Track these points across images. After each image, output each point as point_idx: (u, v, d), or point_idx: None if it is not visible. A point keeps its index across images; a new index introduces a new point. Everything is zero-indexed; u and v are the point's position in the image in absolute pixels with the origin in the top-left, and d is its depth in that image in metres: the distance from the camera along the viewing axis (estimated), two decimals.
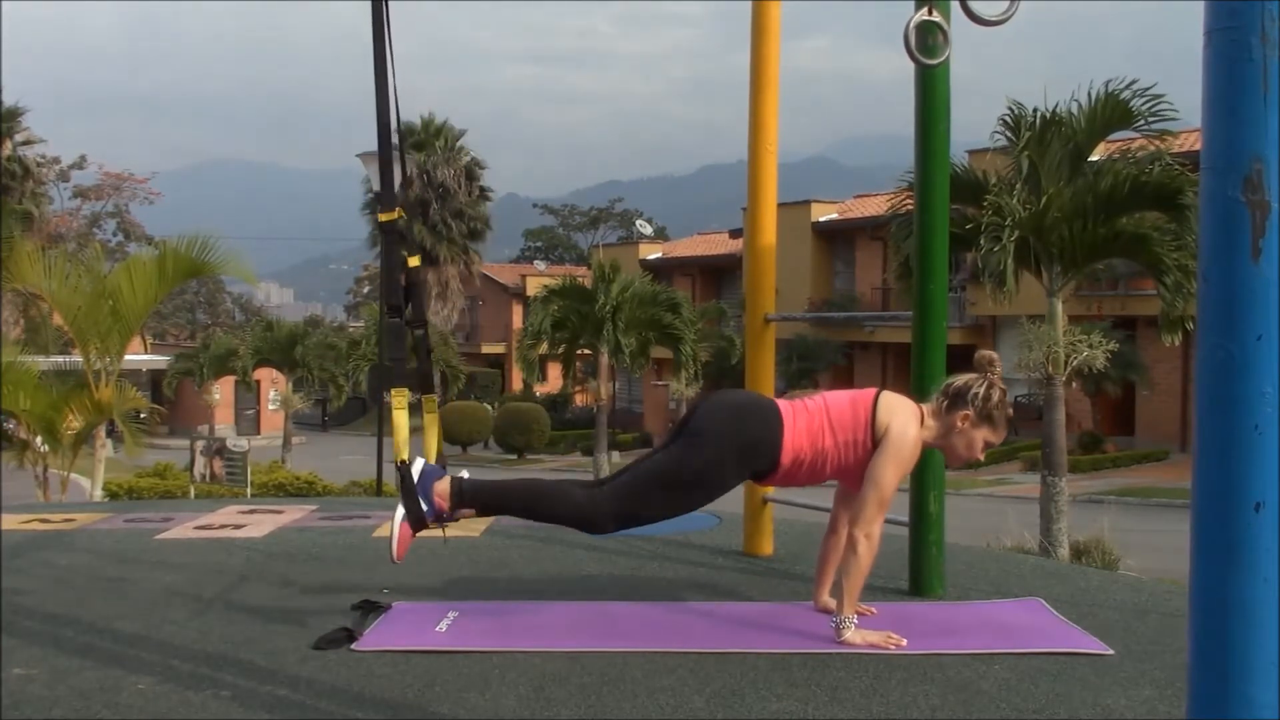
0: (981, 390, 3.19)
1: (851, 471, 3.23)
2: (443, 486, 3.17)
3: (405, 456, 3.11)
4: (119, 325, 10.57)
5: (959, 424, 3.20)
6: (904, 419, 3.17)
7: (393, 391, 3.14)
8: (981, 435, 3.22)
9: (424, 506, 3.13)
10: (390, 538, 3.15)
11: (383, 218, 3.18)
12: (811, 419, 3.20)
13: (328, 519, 5.46)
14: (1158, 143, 10.64)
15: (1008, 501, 17.53)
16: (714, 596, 3.76)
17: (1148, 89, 10.24)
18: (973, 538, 7.56)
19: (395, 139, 3.18)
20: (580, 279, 21.45)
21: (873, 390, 3.28)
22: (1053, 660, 3.00)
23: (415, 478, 3.13)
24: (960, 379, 3.25)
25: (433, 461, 3.21)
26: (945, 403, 3.22)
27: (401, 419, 3.10)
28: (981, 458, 3.33)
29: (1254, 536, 1.45)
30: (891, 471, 3.13)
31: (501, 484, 3.32)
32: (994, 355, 3.28)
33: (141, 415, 13.34)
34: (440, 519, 3.17)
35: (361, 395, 35.83)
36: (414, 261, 3.23)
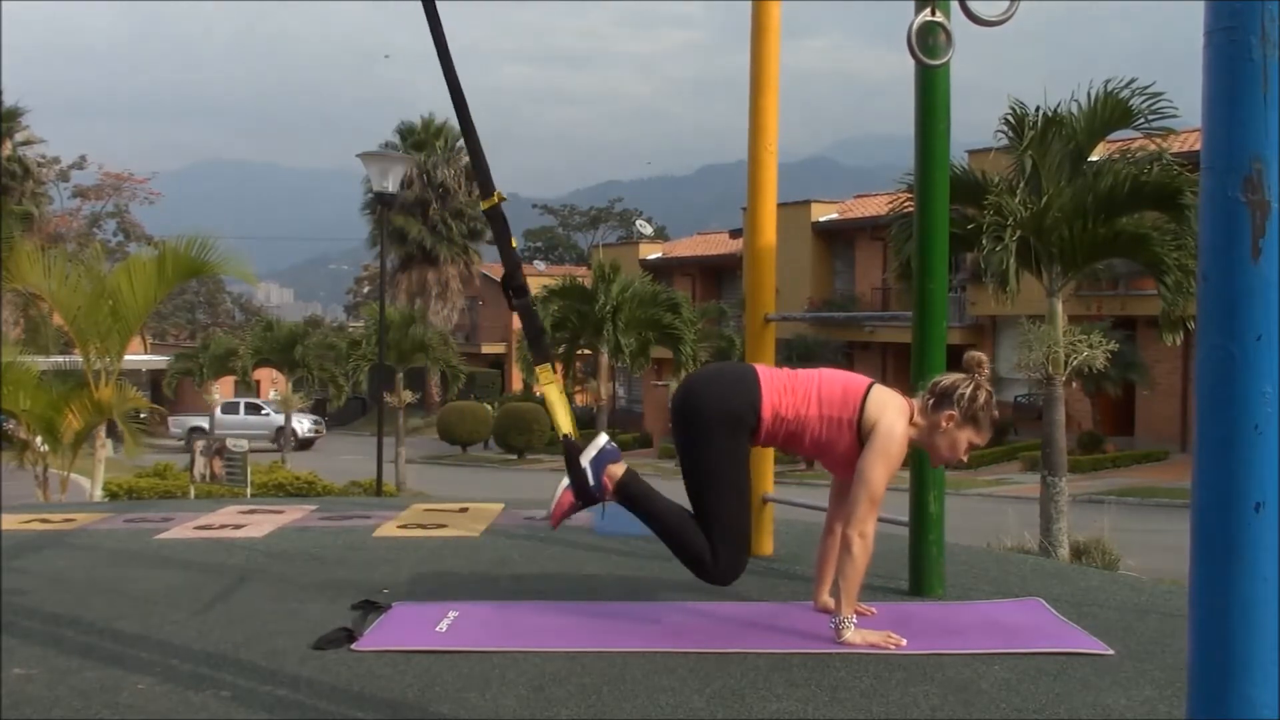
0: (968, 391, 3.19)
1: (829, 451, 3.25)
2: (616, 471, 3.25)
3: (567, 430, 3.20)
4: (119, 325, 10.56)
5: (944, 424, 3.21)
6: (893, 415, 3.19)
7: (538, 369, 3.24)
8: (965, 436, 3.22)
9: (591, 480, 3.21)
10: (551, 500, 3.27)
11: (485, 205, 3.20)
12: (796, 382, 3.26)
13: (328, 519, 5.46)
14: (1159, 141, 10.64)
15: (1008, 501, 17.52)
16: (714, 596, 3.76)
17: (1146, 88, 10.23)
18: (973, 538, 7.56)
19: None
20: (580, 279, 21.46)
21: (866, 381, 3.29)
22: (1053, 660, 3.00)
23: (594, 453, 3.23)
24: (947, 378, 3.25)
25: (569, 432, 3.23)
26: (931, 401, 3.23)
27: (553, 393, 3.20)
28: (964, 459, 3.33)
29: (1254, 536, 1.45)
30: (881, 468, 3.14)
31: (661, 499, 3.34)
32: (982, 356, 3.28)
33: (142, 415, 13.34)
34: (600, 497, 3.25)
35: (361, 395, 35.84)
36: (514, 243, 3.26)
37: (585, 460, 3.23)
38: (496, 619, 3.39)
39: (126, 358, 11.43)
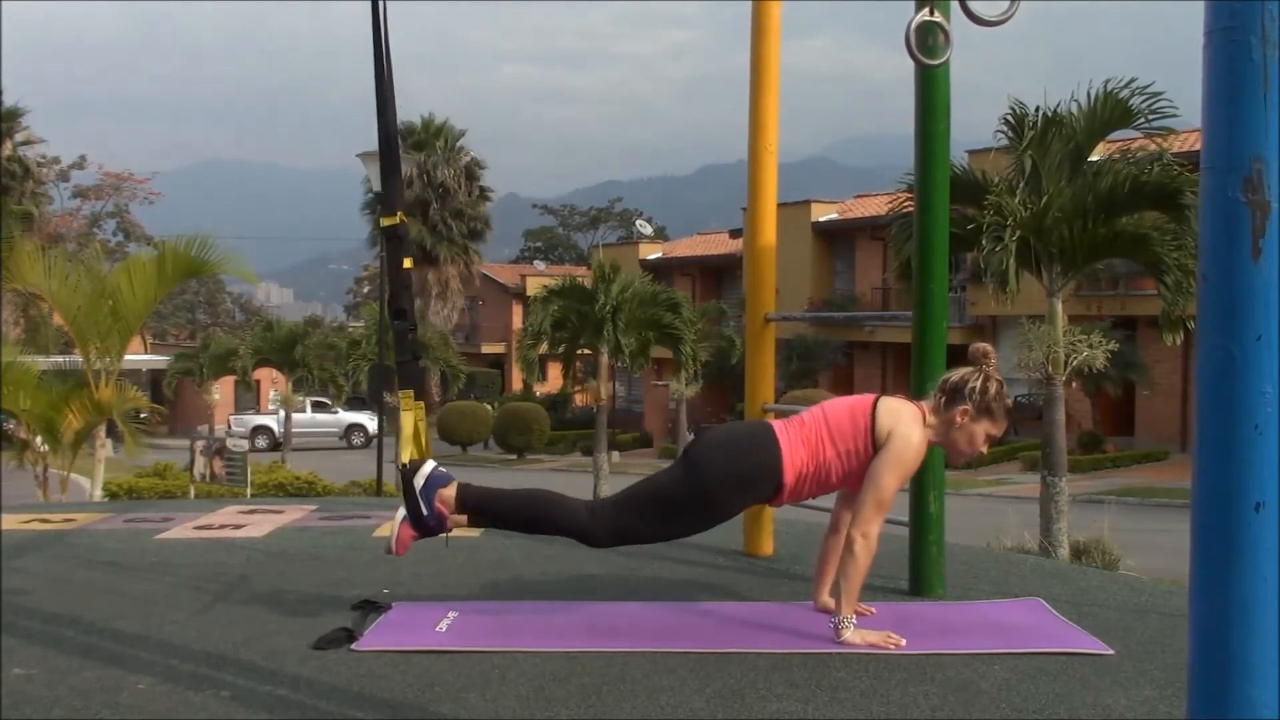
0: (978, 384, 3.17)
1: (858, 478, 3.21)
2: (447, 493, 3.19)
3: (406, 459, 3.14)
4: (119, 325, 10.57)
5: (958, 419, 3.19)
6: (907, 423, 3.16)
7: (400, 394, 3.17)
8: (982, 429, 3.21)
9: (424, 510, 3.15)
10: (390, 536, 3.23)
11: (384, 222, 3.19)
12: (808, 432, 3.19)
13: (328, 519, 5.47)
14: (1159, 141, 10.63)
15: (1008, 501, 17.51)
16: (714, 596, 3.76)
17: (1146, 88, 10.22)
18: (973, 538, 7.56)
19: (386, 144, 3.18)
20: (580, 279, 21.43)
21: (870, 397, 3.26)
22: (1053, 660, 3.00)
23: (422, 481, 3.16)
24: (956, 374, 3.23)
25: (405, 461, 3.18)
26: (943, 399, 3.21)
27: (407, 420, 3.14)
28: (985, 451, 3.30)
29: (1254, 536, 1.45)
30: (892, 475, 3.12)
31: (504, 494, 3.32)
32: (988, 348, 3.26)
33: (142, 415, 13.34)
34: (439, 525, 3.19)
35: (361, 395, 35.86)
36: (407, 264, 3.22)
37: (417, 490, 3.16)
38: (496, 619, 3.39)
39: (126, 358, 11.43)
